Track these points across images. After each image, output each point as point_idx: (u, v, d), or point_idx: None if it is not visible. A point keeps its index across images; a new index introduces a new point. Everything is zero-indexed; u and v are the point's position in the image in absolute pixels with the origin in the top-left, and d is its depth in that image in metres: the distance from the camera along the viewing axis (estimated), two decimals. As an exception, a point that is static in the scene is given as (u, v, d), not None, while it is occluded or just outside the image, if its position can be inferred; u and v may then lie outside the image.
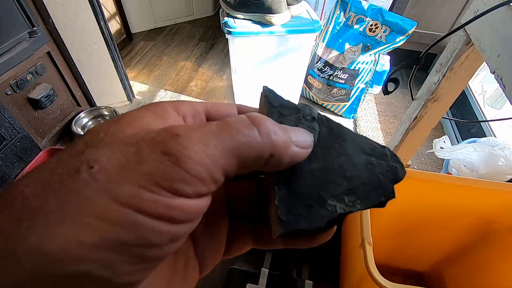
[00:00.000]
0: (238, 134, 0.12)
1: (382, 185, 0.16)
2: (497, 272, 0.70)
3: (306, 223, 0.15)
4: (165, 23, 2.11)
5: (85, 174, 0.10)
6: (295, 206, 0.15)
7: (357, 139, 0.17)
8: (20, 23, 0.94)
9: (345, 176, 0.16)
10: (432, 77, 0.51)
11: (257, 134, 0.12)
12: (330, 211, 0.15)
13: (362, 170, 0.16)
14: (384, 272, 0.51)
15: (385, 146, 0.17)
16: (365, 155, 0.16)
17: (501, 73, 0.35)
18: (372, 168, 0.16)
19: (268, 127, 0.13)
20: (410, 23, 1.14)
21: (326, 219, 0.15)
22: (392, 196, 0.16)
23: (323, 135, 0.16)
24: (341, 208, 0.15)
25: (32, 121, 1.08)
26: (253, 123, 0.13)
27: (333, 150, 0.16)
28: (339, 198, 0.15)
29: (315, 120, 0.17)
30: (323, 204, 0.15)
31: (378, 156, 0.16)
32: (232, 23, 1.11)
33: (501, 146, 0.94)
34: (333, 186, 0.15)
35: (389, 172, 0.16)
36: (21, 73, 0.98)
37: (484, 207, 0.68)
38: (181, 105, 0.15)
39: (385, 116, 1.51)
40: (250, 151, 0.12)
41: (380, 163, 0.16)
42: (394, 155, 0.17)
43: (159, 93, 1.57)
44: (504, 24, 0.35)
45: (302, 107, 0.17)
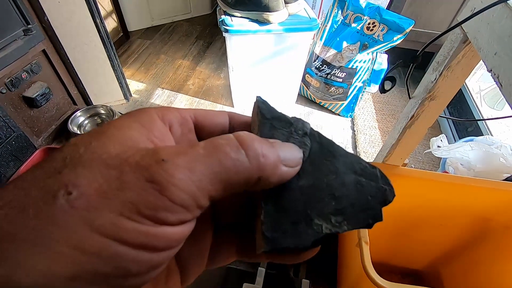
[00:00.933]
0: (226, 158, 0.12)
1: (371, 207, 0.16)
2: (493, 270, 0.71)
3: (292, 241, 0.15)
4: (162, 21, 2.09)
5: (62, 200, 0.10)
6: (282, 223, 0.15)
7: (348, 158, 0.17)
8: (15, 21, 0.93)
9: (334, 196, 0.15)
10: (429, 75, 0.51)
11: (244, 158, 0.12)
12: (316, 231, 0.15)
13: (351, 190, 0.16)
14: (381, 270, 0.51)
15: (376, 167, 0.17)
16: (355, 174, 0.16)
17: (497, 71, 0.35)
18: (361, 188, 0.16)
19: (256, 150, 0.12)
20: (407, 21, 1.14)
21: (312, 238, 0.15)
22: (380, 219, 0.16)
23: (314, 151, 0.16)
24: (327, 228, 0.15)
25: (27, 120, 1.07)
26: (241, 145, 0.12)
27: (323, 167, 0.16)
28: (326, 217, 0.15)
29: (307, 135, 0.16)
30: (310, 223, 0.15)
31: (368, 177, 0.16)
32: (229, 21, 1.10)
33: (498, 145, 0.94)
34: (321, 205, 0.15)
35: (378, 194, 0.16)
36: (16, 72, 0.97)
37: (481, 206, 0.68)
38: (168, 112, 0.14)
39: (382, 115, 1.51)
40: (237, 176, 0.12)
41: (370, 184, 0.16)
42: (385, 177, 0.16)
43: (156, 91, 1.56)
44: (501, 22, 0.35)
45: (295, 121, 0.16)
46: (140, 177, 0.10)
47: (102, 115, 1.32)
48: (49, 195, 0.10)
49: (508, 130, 1.23)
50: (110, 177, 0.10)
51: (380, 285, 0.49)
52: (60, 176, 0.10)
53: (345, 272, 0.78)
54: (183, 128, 0.15)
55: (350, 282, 0.71)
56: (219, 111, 0.17)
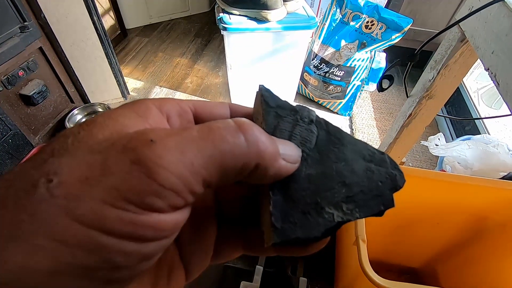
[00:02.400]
0: (222, 141, 0.11)
1: (381, 193, 0.15)
2: (489, 267, 0.71)
3: (302, 231, 0.14)
4: (160, 19, 2.08)
5: (43, 189, 0.09)
6: (291, 213, 0.14)
7: (356, 145, 0.16)
8: (11, 18, 0.92)
9: (344, 183, 0.15)
10: (427, 74, 0.51)
11: (243, 141, 0.11)
12: (327, 219, 0.14)
13: (361, 177, 0.15)
14: (378, 268, 0.52)
15: (384, 153, 0.16)
16: (364, 161, 0.16)
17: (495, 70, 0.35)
18: (371, 175, 0.15)
19: (256, 135, 0.12)
20: (406, 20, 1.14)
21: (323, 227, 0.14)
22: (392, 205, 0.15)
23: (321, 139, 0.16)
24: (339, 217, 0.14)
25: (24, 118, 1.07)
26: (240, 129, 0.11)
27: (331, 155, 0.16)
28: (337, 205, 0.15)
29: (313, 122, 0.16)
30: (321, 212, 0.14)
31: (377, 163, 0.16)
32: (227, 19, 1.10)
33: (495, 144, 0.94)
34: (331, 193, 0.15)
35: (389, 180, 0.16)
36: (12, 69, 0.97)
37: (478, 204, 0.68)
38: (166, 103, 0.13)
39: (380, 113, 1.52)
40: (234, 160, 0.11)
41: (379, 170, 0.16)
42: (394, 162, 0.16)
43: (154, 89, 1.56)
44: (498, 21, 0.35)
45: (300, 109, 0.16)
46: (125, 160, 0.10)
47: (100, 113, 1.31)
48: (30, 184, 0.09)
49: (505, 129, 1.23)
50: (94, 162, 0.10)
51: (377, 283, 0.49)
52: (45, 165, 0.10)
53: (343, 270, 0.79)
54: (181, 119, 0.14)
55: (347, 280, 0.71)
56: (220, 102, 0.16)
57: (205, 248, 0.16)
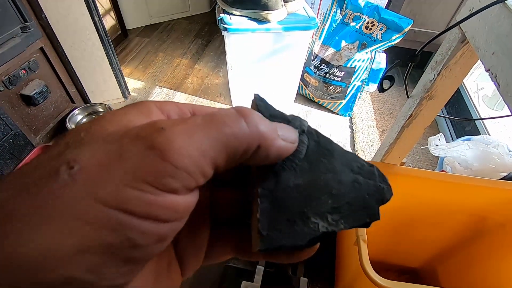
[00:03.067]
0: (225, 125, 0.12)
1: (368, 206, 0.16)
2: (489, 267, 0.71)
3: (288, 239, 0.14)
4: (160, 19, 2.09)
5: (65, 175, 0.10)
6: (277, 221, 0.15)
7: (345, 156, 0.16)
8: (12, 18, 0.92)
9: (331, 194, 0.15)
10: (427, 75, 0.51)
11: (244, 125, 0.12)
12: (312, 229, 0.15)
13: (348, 189, 0.16)
14: (378, 268, 0.52)
15: (374, 165, 0.17)
16: (352, 173, 0.16)
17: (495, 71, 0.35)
18: (359, 187, 0.16)
19: (255, 119, 0.13)
20: (406, 21, 1.15)
21: (309, 236, 0.15)
22: (377, 218, 0.16)
23: (312, 149, 0.16)
24: (323, 227, 0.15)
25: (25, 118, 1.07)
26: (240, 114, 0.12)
27: (320, 165, 0.16)
28: (322, 216, 0.15)
29: (304, 133, 0.16)
30: (306, 221, 0.15)
31: (366, 175, 0.16)
32: (228, 19, 1.10)
33: (495, 144, 0.95)
34: (318, 203, 0.15)
35: (376, 193, 0.16)
36: (13, 69, 0.97)
37: (477, 204, 0.69)
38: (166, 104, 0.14)
39: (381, 114, 1.52)
40: (238, 142, 0.12)
41: (367, 182, 0.16)
42: (382, 175, 0.16)
43: (154, 90, 1.56)
44: (499, 22, 0.35)
45: (292, 119, 0.16)
46: (139, 146, 0.10)
47: (100, 113, 1.32)
48: (52, 172, 0.10)
49: (505, 130, 1.23)
50: (110, 150, 0.10)
51: (377, 282, 0.49)
52: (62, 156, 0.10)
53: (343, 270, 0.79)
54: None
55: (348, 280, 0.71)
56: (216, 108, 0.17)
57: (199, 247, 0.17)
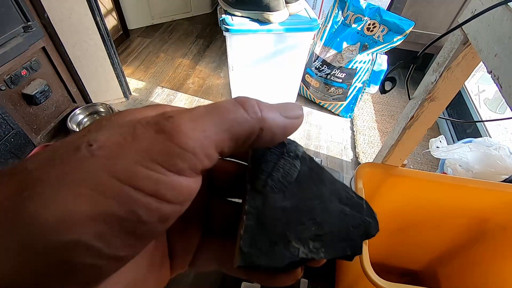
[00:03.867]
0: (227, 112, 0.13)
1: (351, 238, 0.15)
2: (490, 270, 0.71)
3: (266, 260, 0.15)
4: (162, 20, 2.09)
5: (85, 151, 0.11)
6: (260, 240, 0.15)
7: (335, 185, 0.17)
8: (15, 18, 0.92)
9: (315, 221, 0.15)
10: (429, 76, 0.51)
11: (243, 111, 0.13)
12: (292, 253, 0.15)
13: (333, 218, 0.16)
14: (379, 270, 0.52)
15: (363, 199, 0.17)
16: (340, 203, 0.16)
17: (497, 73, 0.35)
18: (345, 218, 0.16)
19: (254, 106, 0.13)
20: (407, 22, 1.15)
21: (288, 260, 0.15)
22: (359, 252, 0.16)
23: (303, 174, 0.16)
24: (303, 253, 0.15)
25: (26, 117, 1.07)
26: (238, 103, 0.13)
27: (309, 191, 0.16)
28: (304, 242, 0.15)
29: (298, 158, 0.17)
30: (287, 245, 0.15)
31: (353, 207, 0.16)
32: (230, 20, 1.10)
33: (496, 147, 0.94)
34: (301, 228, 0.15)
35: (361, 226, 0.16)
36: (15, 69, 0.97)
37: (479, 207, 0.68)
38: None
39: (382, 116, 1.52)
40: (240, 126, 0.13)
41: (354, 214, 0.16)
42: (370, 209, 0.16)
43: (155, 90, 1.56)
44: (501, 24, 0.35)
45: (288, 143, 0.17)
46: (150, 130, 0.12)
47: (102, 113, 1.32)
48: (74, 148, 0.11)
49: (506, 132, 1.23)
50: (125, 132, 0.12)
51: (378, 284, 0.49)
52: (84, 137, 0.12)
53: (344, 272, 0.79)
54: None
55: (348, 282, 0.71)
56: None
57: (187, 250, 0.17)
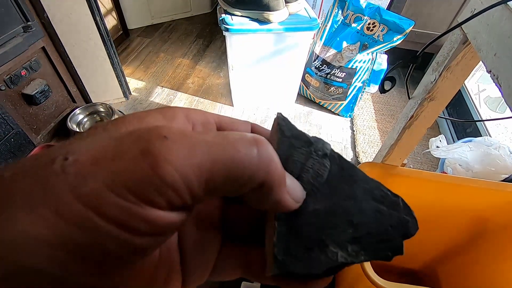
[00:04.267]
0: (234, 148, 0.11)
1: (390, 239, 0.14)
2: (490, 270, 0.71)
3: (303, 267, 0.14)
4: (162, 20, 2.09)
5: (58, 165, 0.10)
6: (294, 247, 0.14)
7: (368, 183, 0.15)
8: (15, 18, 0.92)
9: (351, 222, 0.14)
10: (429, 76, 0.51)
11: (255, 154, 0.11)
12: (330, 258, 0.14)
13: (370, 218, 0.15)
14: (379, 270, 0.52)
15: (399, 196, 0.15)
16: (374, 201, 0.15)
17: (497, 72, 0.35)
18: (381, 217, 0.15)
19: (270, 152, 0.12)
20: (407, 22, 1.15)
21: (325, 266, 0.14)
22: (400, 253, 0.14)
23: (333, 174, 0.15)
24: (342, 257, 0.14)
25: (26, 117, 1.07)
26: (255, 141, 0.11)
27: (341, 191, 0.15)
28: (342, 245, 0.14)
29: (327, 156, 0.15)
30: (324, 250, 0.14)
31: (389, 205, 0.15)
32: (229, 20, 1.10)
33: (496, 146, 0.94)
34: (337, 231, 0.14)
35: (399, 225, 0.15)
36: (15, 69, 0.97)
37: (479, 206, 0.68)
38: (193, 112, 0.14)
39: (382, 115, 1.52)
40: (242, 170, 0.11)
41: (391, 213, 0.15)
42: (408, 207, 0.15)
43: (155, 90, 1.56)
44: (501, 23, 0.35)
45: (315, 141, 0.16)
46: (135, 149, 0.10)
47: (102, 113, 1.32)
48: (49, 160, 0.10)
49: (506, 131, 1.23)
50: (108, 146, 0.10)
51: (378, 284, 0.49)
52: (66, 145, 0.10)
53: (344, 272, 0.79)
54: (205, 129, 0.14)
55: (348, 282, 0.71)
56: (243, 121, 0.16)
57: (206, 262, 0.16)
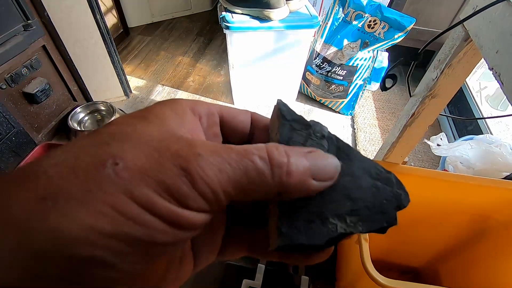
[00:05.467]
0: (252, 168, 0.13)
1: (386, 211, 0.16)
2: (491, 267, 0.71)
3: (306, 238, 0.15)
4: (162, 18, 2.09)
5: (110, 170, 0.11)
6: (297, 220, 0.15)
7: (364, 162, 0.17)
8: (15, 16, 0.92)
9: (349, 197, 0.16)
10: (430, 73, 0.51)
11: (268, 173, 0.13)
12: (330, 230, 0.15)
13: (366, 193, 0.16)
14: (380, 267, 0.52)
15: (391, 172, 0.17)
16: (370, 178, 0.16)
17: (499, 69, 0.35)
18: (377, 192, 0.16)
19: (282, 168, 0.13)
20: (409, 19, 1.14)
21: (326, 237, 0.15)
22: (395, 223, 0.16)
23: (331, 153, 0.16)
24: (341, 228, 0.15)
25: (27, 116, 1.07)
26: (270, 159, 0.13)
27: None
28: (341, 217, 0.15)
29: (324, 138, 0.17)
30: (325, 222, 0.15)
31: (384, 181, 0.16)
32: (230, 18, 1.10)
33: (497, 144, 0.94)
34: (336, 205, 0.15)
35: (393, 199, 0.16)
36: (16, 67, 0.97)
37: (480, 204, 0.68)
38: (198, 105, 0.16)
39: (382, 113, 1.51)
40: (258, 188, 0.13)
41: (385, 188, 0.16)
42: (399, 182, 0.17)
43: (156, 88, 1.56)
44: (503, 20, 0.35)
45: (313, 124, 0.17)
46: (176, 164, 0.12)
47: (102, 111, 1.32)
48: (99, 162, 0.11)
49: (507, 129, 1.23)
50: (152, 158, 0.12)
51: (379, 282, 0.49)
52: (108, 148, 0.12)
53: (345, 269, 0.79)
54: (209, 120, 0.17)
55: (349, 279, 0.71)
56: (243, 110, 0.18)
57: (213, 243, 0.18)
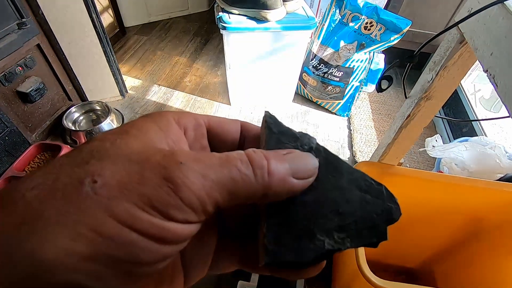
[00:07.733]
0: (235, 171, 0.13)
1: (375, 225, 0.15)
2: (486, 268, 0.72)
3: (293, 255, 0.15)
4: (159, 18, 2.08)
5: (88, 188, 0.11)
6: (284, 237, 0.15)
7: (353, 174, 0.16)
8: (9, 14, 0.91)
9: (337, 212, 0.15)
10: (426, 75, 0.51)
11: (251, 174, 0.13)
12: (318, 246, 0.15)
13: (355, 207, 0.16)
14: (375, 268, 0.52)
15: (382, 184, 0.17)
16: (360, 191, 0.16)
17: (493, 71, 0.35)
18: (366, 205, 0.16)
19: (263, 168, 0.13)
20: (405, 21, 1.15)
21: (314, 253, 0.15)
22: (385, 238, 0.16)
23: (320, 166, 0.16)
24: (329, 244, 0.15)
25: (21, 115, 1.06)
26: (250, 161, 0.13)
27: (327, 183, 0.16)
28: (328, 233, 0.15)
29: (312, 150, 0.16)
30: (312, 238, 0.15)
31: (374, 194, 0.16)
32: (227, 18, 1.10)
33: (492, 146, 0.95)
34: (324, 220, 0.15)
35: (384, 212, 0.16)
36: (9, 66, 0.96)
37: (474, 205, 0.69)
38: (184, 117, 0.15)
39: (379, 114, 1.52)
40: (244, 190, 0.13)
41: (375, 201, 0.16)
42: (391, 195, 0.16)
43: (152, 88, 1.55)
44: (497, 23, 0.35)
45: (301, 136, 0.17)
46: (158, 175, 0.11)
47: (98, 111, 1.31)
48: (77, 181, 0.11)
49: (502, 131, 1.24)
50: (132, 171, 0.11)
51: (374, 283, 0.49)
52: (88, 166, 0.11)
53: (340, 270, 0.79)
54: (196, 132, 0.16)
55: (345, 280, 0.71)
56: (232, 120, 0.17)
57: (204, 257, 0.17)
